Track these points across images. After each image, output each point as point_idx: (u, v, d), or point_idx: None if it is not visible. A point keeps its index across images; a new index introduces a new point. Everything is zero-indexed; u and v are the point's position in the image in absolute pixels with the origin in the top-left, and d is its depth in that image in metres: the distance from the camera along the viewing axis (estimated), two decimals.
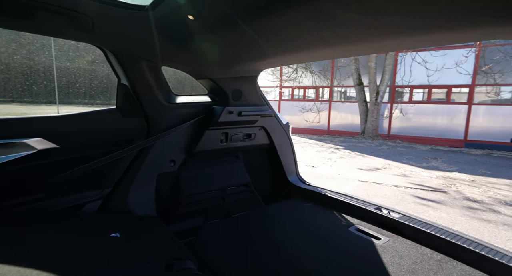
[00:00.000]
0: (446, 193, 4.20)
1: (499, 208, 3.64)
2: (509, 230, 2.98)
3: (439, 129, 8.98)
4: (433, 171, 5.48)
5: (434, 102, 9.15)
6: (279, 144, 2.06)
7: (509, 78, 8.01)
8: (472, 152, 7.84)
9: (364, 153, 7.30)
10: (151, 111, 1.55)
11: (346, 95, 11.59)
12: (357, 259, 1.25)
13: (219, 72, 1.64)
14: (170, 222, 1.58)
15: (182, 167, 1.70)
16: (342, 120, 10.84)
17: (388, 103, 9.72)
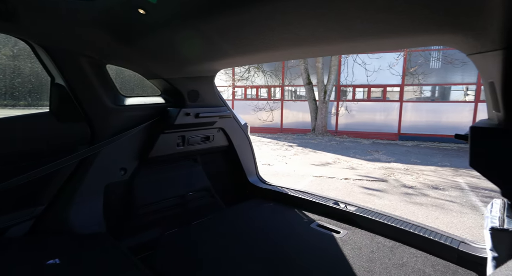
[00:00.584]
0: (387, 182, 4.67)
1: (428, 191, 4.19)
2: (436, 210, 3.45)
3: (378, 124, 9.98)
4: (376, 163, 6.05)
5: (373, 100, 10.13)
6: (238, 145, 2.03)
7: (429, 79, 9.32)
8: (405, 144, 8.89)
9: (316, 149, 7.71)
10: (95, 114, 1.37)
11: (296, 94, 12.09)
12: (320, 254, 1.29)
13: (174, 71, 1.53)
14: (121, 237, 1.43)
15: (134, 175, 1.55)
16: (294, 118, 11.30)
17: (334, 101, 10.43)
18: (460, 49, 0.81)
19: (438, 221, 3.16)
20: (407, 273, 1.14)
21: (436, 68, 9.26)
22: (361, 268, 1.17)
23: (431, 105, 9.46)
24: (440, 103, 9.39)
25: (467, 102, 9.03)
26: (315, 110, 10.31)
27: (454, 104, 9.16)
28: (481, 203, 3.72)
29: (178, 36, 1.08)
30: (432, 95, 9.81)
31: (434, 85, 9.59)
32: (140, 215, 1.51)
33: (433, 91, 9.78)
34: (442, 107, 9.29)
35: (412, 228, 1.38)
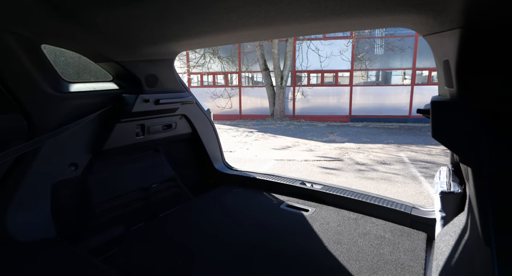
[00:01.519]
0: (342, 161, 5.02)
1: (377, 167, 4.62)
2: (385, 183, 3.84)
3: (332, 108, 10.57)
4: (332, 144, 6.44)
5: (326, 85, 10.65)
6: (203, 132, 1.96)
7: (374, 65, 10.10)
8: (356, 125, 9.60)
9: (276, 134, 7.89)
10: (32, 103, 1.18)
11: (254, 80, 12.09)
12: (292, 233, 1.34)
13: (127, 54, 1.37)
14: (79, 240, 1.30)
15: (87, 170, 1.40)
16: (253, 104, 11.34)
17: (291, 86, 10.70)
18: (417, 30, 0.87)
19: (387, 192, 3.53)
20: (370, 240, 1.25)
21: (380, 54, 10.05)
22: (331, 240, 1.25)
23: (376, 88, 10.31)
24: (383, 87, 10.30)
25: (405, 85, 10.06)
26: (272, 95, 10.46)
27: (395, 87, 10.15)
28: (419, 173, 4.24)
29: (130, 12, 0.95)
30: (376, 79, 10.68)
31: (378, 70, 10.43)
32: (98, 214, 1.39)
33: (377, 76, 10.65)
34: (385, 90, 10.20)
35: (372, 200, 1.51)
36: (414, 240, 1.22)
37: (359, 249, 1.18)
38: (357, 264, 1.08)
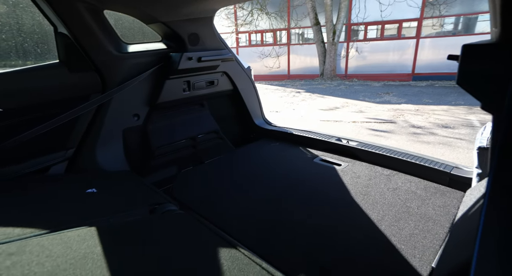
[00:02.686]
0: (395, 123, 4.68)
1: (437, 130, 4.20)
2: (443, 148, 3.51)
3: (390, 65, 9.47)
4: (385, 105, 5.97)
5: (386, 38, 9.42)
6: (243, 89, 2.05)
7: (453, 9, 8.39)
8: (418, 84, 8.56)
9: (324, 94, 7.58)
10: (102, 63, 1.39)
11: (304, 37, 11.35)
12: (321, 182, 1.41)
13: (171, 13, 1.47)
14: (144, 174, 1.59)
15: (147, 120, 1.64)
16: (302, 63, 10.84)
17: (344, 42, 9.79)
18: None
19: (444, 157, 3.26)
20: (399, 194, 1.25)
21: None
22: (358, 192, 1.30)
23: (451, 39, 8.71)
24: (462, 37, 8.61)
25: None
26: (323, 53, 9.78)
27: (479, 37, 8.41)
28: None
29: None
30: (454, 28, 8.96)
31: (458, 16, 8.66)
32: (156, 156, 1.65)
33: (456, 23, 8.89)
34: (465, 41, 8.56)
35: (408, 158, 1.46)
36: (448, 198, 1.19)
37: (385, 201, 1.21)
38: (380, 213, 1.12)
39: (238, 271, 0.66)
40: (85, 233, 0.73)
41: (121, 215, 0.88)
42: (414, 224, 1.04)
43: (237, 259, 0.71)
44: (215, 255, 0.71)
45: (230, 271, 0.66)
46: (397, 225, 1.05)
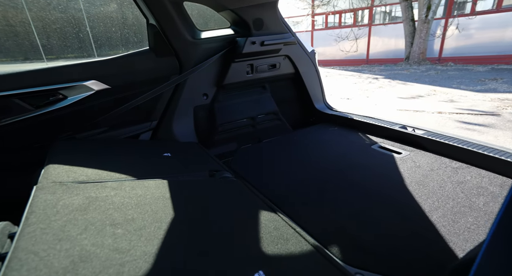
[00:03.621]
0: (499, 116, 3.86)
1: None
2: None
3: (504, 44, 7.63)
4: (488, 94, 4.94)
5: (503, 10, 7.55)
6: (305, 72, 2.06)
7: None
8: None
9: (407, 80, 6.73)
10: (180, 48, 1.63)
11: (391, 16, 10.11)
12: (375, 169, 1.34)
13: (237, 0, 1.59)
14: (209, 147, 1.81)
15: (214, 99, 1.83)
16: (384, 46, 9.76)
17: (441, 19, 8.32)
18: None
19: None
20: (464, 188, 1.11)
21: None
22: (414, 181, 1.20)
23: None
24: None
25: None
26: (411, 33, 8.56)
27: None
28: None
29: None
30: None
31: None
32: (220, 132, 1.85)
33: None
34: None
35: (487, 151, 1.26)
36: None
37: (443, 193, 1.09)
38: (434, 204, 1.03)
39: (274, 229, 0.76)
40: (159, 183, 0.94)
41: (187, 175, 1.07)
42: (474, 219, 0.93)
43: (274, 220, 0.80)
44: (256, 214, 0.82)
45: (267, 227, 0.76)
46: (451, 217, 0.95)
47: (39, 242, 0.57)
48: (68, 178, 0.88)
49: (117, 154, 1.22)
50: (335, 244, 0.88)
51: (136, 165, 1.10)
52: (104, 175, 0.96)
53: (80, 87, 1.43)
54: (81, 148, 1.23)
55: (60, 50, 14.32)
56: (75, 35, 14.07)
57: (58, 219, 0.66)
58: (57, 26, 13.82)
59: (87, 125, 1.49)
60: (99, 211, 0.72)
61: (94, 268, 0.53)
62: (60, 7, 13.16)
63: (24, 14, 12.46)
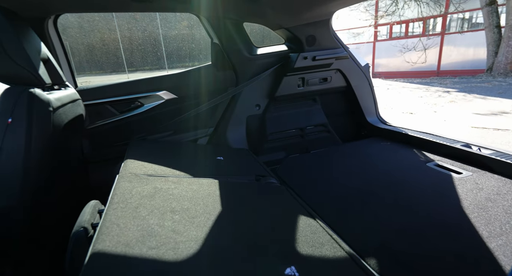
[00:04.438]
0: None
1: None
2: None
3: None
4: None
5: None
6: (357, 86, 2.04)
7: None
8: None
9: (488, 94, 5.89)
10: (238, 63, 1.81)
11: (471, 22, 9.03)
12: (428, 187, 1.25)
13: (292, 20, 1.70)
14: (258, 154, 1.92)
15: (266, 110, 1.95)
16: (459, 56, 8.74)
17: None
18: None
19: None
20: None
21: None
22: (473, 204, 1.07)
23: None
24: None
25: None
26: (496, 41, 7.50)
27: None
28: None
29: None
30: None
31: None
32: (269, 141, 1.95)
33: None
34: None
35: None
36: None
37: (509, 220, 0.97)
38: (495, 231, 0.92)
39: (311, 232, 0.79)
40: (211, 182, 1.07)
41: (235, 177, 1.18)
42: None
43: (312, 225, 0.84)
44: (295, 218, 0.87)
45: (304, 230, 0.80)
46: None
47: (119, 217, 0.73)
48: (140, 171, 1.07)
49: (178, 155, 1.41)
50: (373, 256, 0.87)
51: (193, 165, 1.26)
52: (167, 171, 1.13)
53: (153, 96, 1.70)
54: (151, 147, 1.46)
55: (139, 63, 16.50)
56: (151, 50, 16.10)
57: (133, 202, 0.82)
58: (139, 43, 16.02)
59: (156, 128, 1.75)
60: (162, 199, 0.87)
61: (156, 242, 0.65)
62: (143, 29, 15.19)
63: (115, 35, 14.88)
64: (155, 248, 0.63)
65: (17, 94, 0.87)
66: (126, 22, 14.65)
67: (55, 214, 1.07)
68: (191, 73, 1.80)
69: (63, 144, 1.14)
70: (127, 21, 14.51)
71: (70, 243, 0.76)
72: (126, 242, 0.64)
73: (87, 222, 0.81)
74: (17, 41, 0.89)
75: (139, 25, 15.12)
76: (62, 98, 1.07)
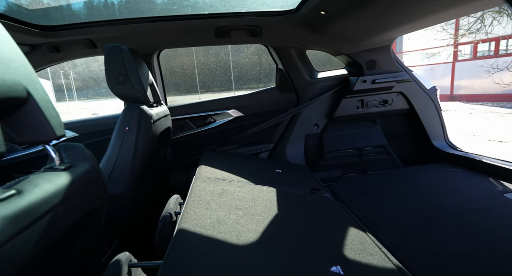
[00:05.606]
0: None
1: None
2: None
3: None
4: None
5: None
6: (421, 109, 1.99)
7: None
8: None
9: None
10: (299, 86, 1.99)
11: None
12: (499, 217, 1.12)
13: (352, 47, 1.83)
14: (314, 170, 1.99)
15: (324, 129, 2.05)
16: None
17: None
18: None
19: None
20: None
21: None
22: None
23: None
24: None
25: None
26: None
27: None
28: None
29: (351, 21, 1.36)
30: None
31: None
32: (326, 158, 2.01)
33: None
34: None
35: None
36: None
37: None
38: None
39: (359, 243, 0.85)
40: (269, 189, 1.21)
41: (291, 188, 1.30)
42: None
43: (362, 237, 0.88)
44: (345, 229, 0.93)
45: (353, 241, 0.86)
46: None
47: (196, 208, 0.92)
48: (211, 175, 1.28)
49: (243, 165, 1.60)
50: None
51: (254, 174, 1.43)
52: (233, 177, 1.32)
53: (224, 114, 1.97)
54: (220, 157, 1.69)
55: (210, 85, 18.26)
56: (221, 74, 17.75)
57: (205, 198, 1.01)
58: (211, 67, 17.85)
59: (225, 142, 2.01)
60: (229, 198, 1.04)
61: (224, 229, 0.81)
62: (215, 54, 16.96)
63: (192, 60, 16.96)
64: (223, 233, 0.79)
65: (133, 110, 1.18)
66: (202, 48, 16.54)
67: (147, 202, 1.35)
68: (257, 94, 2.03)
69: (156, 150, 1.44)
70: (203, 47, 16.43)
71: (159, 224, 0.98)
72: (201, 225, 0.81)
73: (172, 210, 1.03)
74: (136, 72, 1.23)
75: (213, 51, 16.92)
76: (159, 113, 1.38)
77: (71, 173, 0.55)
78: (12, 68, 0.45)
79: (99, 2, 1.69)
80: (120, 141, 1.13)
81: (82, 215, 0.59)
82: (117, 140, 1.13)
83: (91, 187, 0.62)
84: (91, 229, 0.69)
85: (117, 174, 1.11)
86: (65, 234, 0.54)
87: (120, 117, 1.17)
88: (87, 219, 0.64)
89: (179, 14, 1.61)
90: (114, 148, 1.12)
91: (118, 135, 1.14)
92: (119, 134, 1.14)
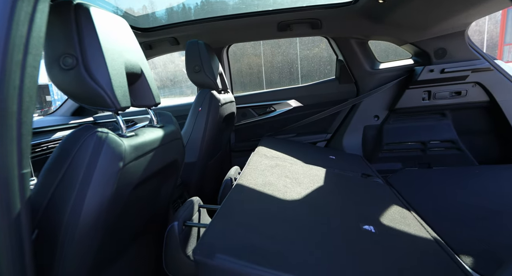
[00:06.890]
0: None
1: None
2: None
3: None
4: None
5: None
6: (506, 101, 1.73)
7: None
8: None
9: None
10: (359, 77, 1.98)
11: None
12: None
13: (418, 35, 1.74)
14: (371, 162, 1.96)
15: (384, 121, 1.98)
16: None
17: None
18: None
19: None
20: None
21: None
22: None
23: None
24: None
25: None
26: None
27: None
28: None
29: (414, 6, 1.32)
30: None
31: None
32: (385, 150, 1.94)
33: None
34: None
35: None
36: None
37: None
38: None
39: (400, 216, 0.87)
40: (319, 168, 1.29)
41: (342, 171, 1.35)
42: None
43: (405, 214, 0.90)
44: (388, 206, 0.96)
45: (393, 215, 0.89)
46: None
47: (252, 174, 1.08)
48: (267, 153, 1.44)
49: (298, 150, 1.71)
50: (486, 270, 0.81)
51: (308, 157, 1.53)
52: (287, 157, 1.45)
53: (284, 103, 2.10)
54: (278, 142, 1.84)
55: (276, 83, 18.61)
56: (288, 71, 17.90)
57: (260, 167, 1.17)
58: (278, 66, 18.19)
59: (283, 130, 2.14)
60: (280, 170, 1.17)
61: (273, 188, 0.95)
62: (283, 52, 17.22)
63: (260, 59, 17.56)
64: (271, 191, 0.94)
65: (205, 94, 1.42)
66: (270, 47, 16.93)
67: (214, 173, 1.60)
68: (316, 85, 2.10)
69: (221, 131, 1.67)
70: (271, 46, 16.83)
71: (222, 186, 1.18)
72: (255, 184, 0.97)
73: (232, 176, 1.23)
74: (209, 63, 1.46)
75: (281, 49, 17.17)
76: (226, 99, 1.60)
77: (164, 130, 0.78)
78: (135, 55, 0.69)
79: (183, 6, 2.05)
80: (194, 119, 1.39)
81: (169, 161, 0.81)
82: (192, 118, 1.39)
83: (175, 143, 0.85)
84: (173, 177, 0.92)
85: (191, 145, 1.36)
86: (160, 172, 0.77)
87: (195, 100, 1.42)
88: (171, 167, 0.86)
89: (246, 12, 1.82)
90: (189, 124, 1.38)
91: (192, 114, 1.40)
92: (194, 114, 1.39)
